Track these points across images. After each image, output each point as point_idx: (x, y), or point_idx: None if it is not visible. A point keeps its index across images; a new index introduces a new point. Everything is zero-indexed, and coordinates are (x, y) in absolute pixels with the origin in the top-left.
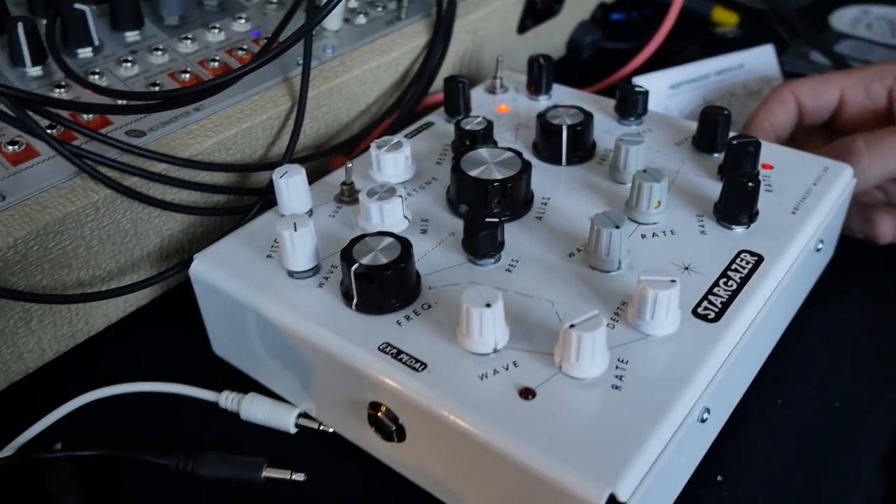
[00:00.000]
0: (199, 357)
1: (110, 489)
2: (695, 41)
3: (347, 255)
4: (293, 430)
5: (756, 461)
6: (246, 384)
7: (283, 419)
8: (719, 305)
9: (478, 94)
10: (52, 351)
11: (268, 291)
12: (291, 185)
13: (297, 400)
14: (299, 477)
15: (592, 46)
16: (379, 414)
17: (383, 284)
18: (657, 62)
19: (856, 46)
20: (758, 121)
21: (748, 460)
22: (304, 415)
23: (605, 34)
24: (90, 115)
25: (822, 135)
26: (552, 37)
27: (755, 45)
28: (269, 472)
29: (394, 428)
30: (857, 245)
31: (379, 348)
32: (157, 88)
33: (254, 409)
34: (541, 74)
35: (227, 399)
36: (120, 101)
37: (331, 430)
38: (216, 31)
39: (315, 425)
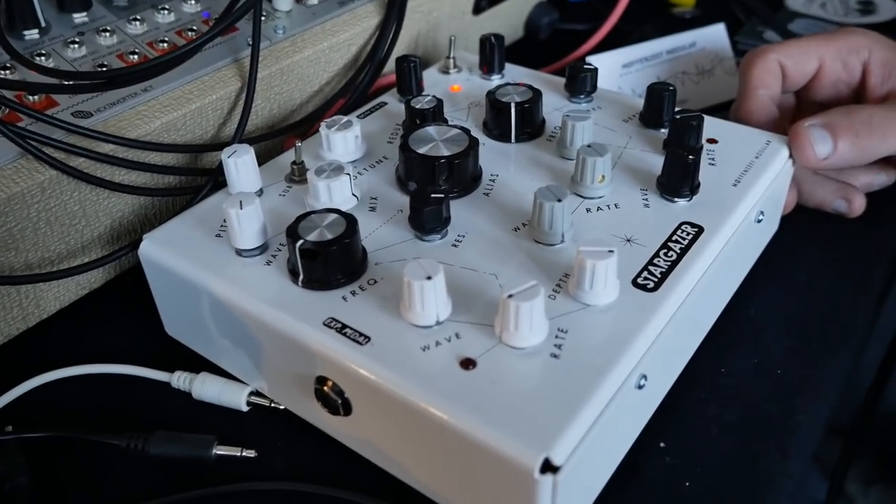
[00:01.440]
0: (152, 338)
1: (62, 470)
2: (652, 22)
3: (293, 232)
4: (245, 409)
5: (699, 428)
6: (199, 364)
7: (235, 398)
8: (658, 275)
9: (431, 75)
10: (2, 335)
11: (216, 270)
12: (240, 165)
13: (248, 378)
14: (250, 454)
15: (550, 27)
16: (325, 388)
17: (328, 260)
18: (614, 42)
19: (809, 25)
20: (754, 94)
21: (691, 427)
22: (255, 393)
23: (562, 15)
24: (36, 97)
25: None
26: (509, 17)
27: (711, 24)
28: (219, 450)
29: (339, 402)
30: (801, 219)
31: (324, 323)
32: (104, 69)
33: (206, 388)
34: (493, 54)
35: (179, 379)
36: (65, 82)
37: (282, 407)
38: (165, 12)
39: (266, 403)
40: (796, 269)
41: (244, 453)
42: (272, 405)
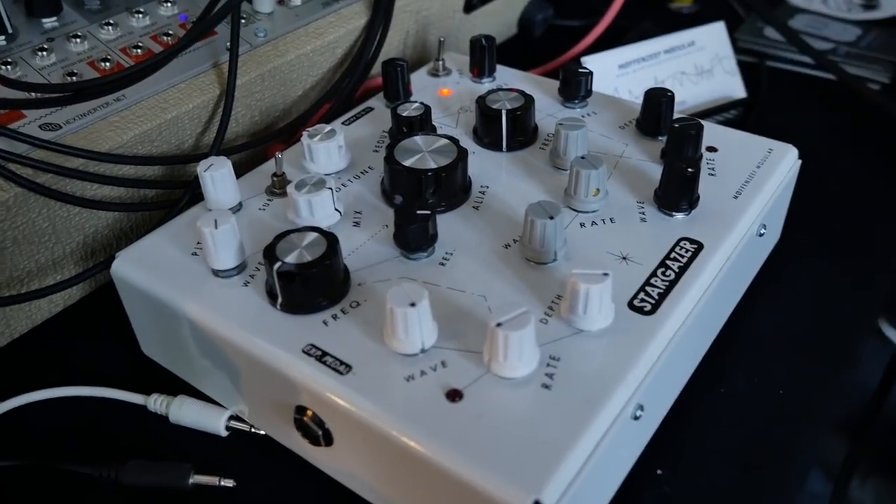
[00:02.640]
0: (129, 357)
1: (35, 499)
2: (650, 18)
3: (270, 253)
4: (224, 434)
5: (698, 454)
6: (177, 385)
7: (214, 422)
8: (656, 297)
9: (420, 78)
10: None
11: (191, 291)
12: (217, 179)
13: (227, 402)
14: (228, 483)
15: (544, 24)
16: (305, 418)
17: (308, 283)
18: (611, 40)
19: (811, 21)
20: None
21: (689, 453)
22: (235, 417)
23: (557, 11)
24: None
25: None
26: (502, 15)
27: (710, 21)
28: (196, 479)
29: (320, 433)
30: (803, 229)
31: (303, 350)
32: (74, 79)
33: (183, 412)
34: (483, 56)
35: (155, 402)
36: (31, 94)
37: (262, 432)
38: (140, 15)
39: (247, 428)
40: (798, 280)
41: (222, 482)
42: (252, 430)
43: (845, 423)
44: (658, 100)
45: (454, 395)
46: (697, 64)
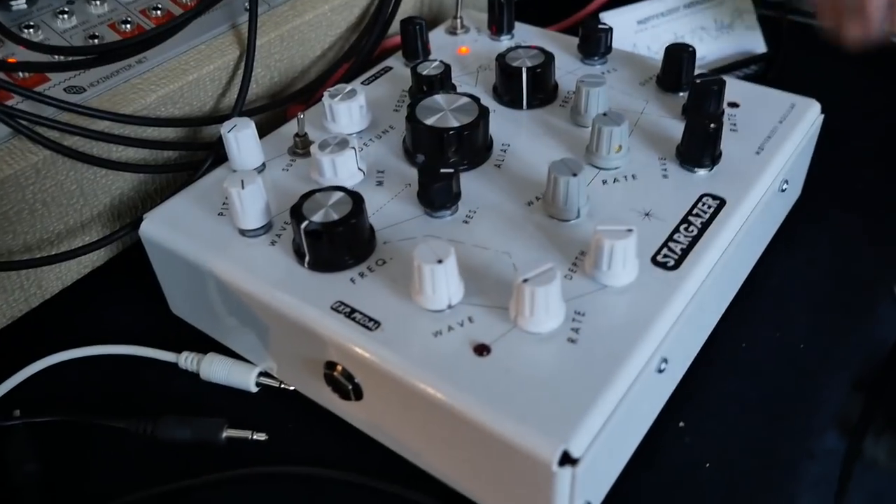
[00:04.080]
0: (158, 317)
1: (71, 454)
2: None
3: (297, 212)
4: (254, 390)
5: (719, 407)
6: (206, 343)
7: (244, 379)
8: (679, 252)
9: (438, 36)
10: (5, 317)
11: (219, 251)
12: (241, 140)
13: (256, 359)
14: (260, 437)
15: None
16: (335, 373)
17: (334, 241)
18: None
19: None
20: None
21: (711, 405)
22: (264, 373)
23: None
24: (25, 73)
25: None
26: None
27: None
28: (229, 433)
29: (350, 387)
30: (825, 182)
31: (332, 307)
32: (95, 41)
33: (213, 369)
34: (501, 13)
35: (186, 360)
36: (55, 57)
37: (291, 388)
38: None
39: (276, 384)
40: (820, 235)
41: (255, 436)
42: (282, 386)
43: (863, 377)
44: (679, 55)
45: (482, 350)
46: (717, 19)
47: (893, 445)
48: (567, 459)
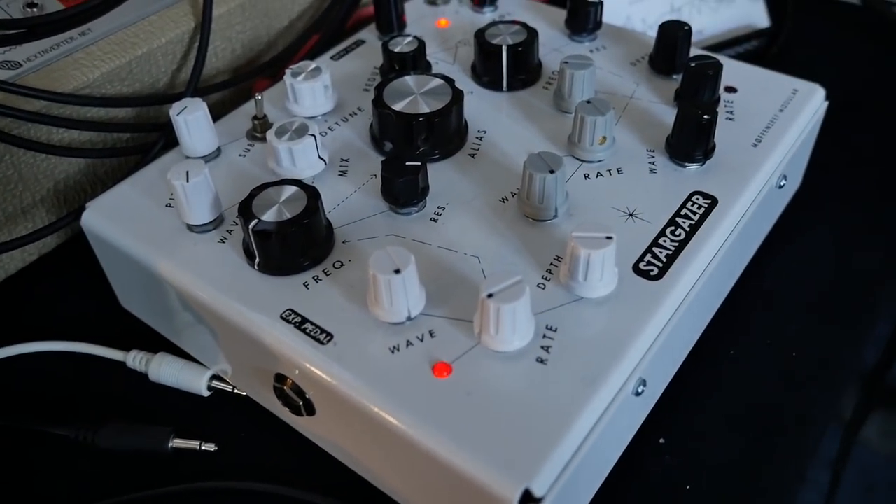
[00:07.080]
0: (108, 310)
1: (9, 461)
2: None
3: (246, 210)
4: (206, 394)
5: (703, 422)
6: (159, 341)
7: (195, 383)
8: (664, 260)
9: (416, 6)
10: None
11: (162, 248)
12: (191, 123)
13: (209, 361)
14: (209, 447)
15: None
16: (285, 387)
17: (286, 243)
18: None
19: None
20: None
21: (694, 421)
22: (217, 377)
23: None
24: None
25: None
26: None
27: None
28: (176, 443)
29: (301, 403)
30: (822, 174)
31: (282, 316)
32: (35, 10)
33: (163, 371)
34: None
35: (134, 359)
36: None
37: (244, 393)
38: None
39: (229, 388)
40: (816, 232)
41: (203, 447)
42: (235, 391)
43: (858, 385)
44: (673, 34)
45: (442, 370)
46: None
47: (885, 421)
48: (529, 499)
